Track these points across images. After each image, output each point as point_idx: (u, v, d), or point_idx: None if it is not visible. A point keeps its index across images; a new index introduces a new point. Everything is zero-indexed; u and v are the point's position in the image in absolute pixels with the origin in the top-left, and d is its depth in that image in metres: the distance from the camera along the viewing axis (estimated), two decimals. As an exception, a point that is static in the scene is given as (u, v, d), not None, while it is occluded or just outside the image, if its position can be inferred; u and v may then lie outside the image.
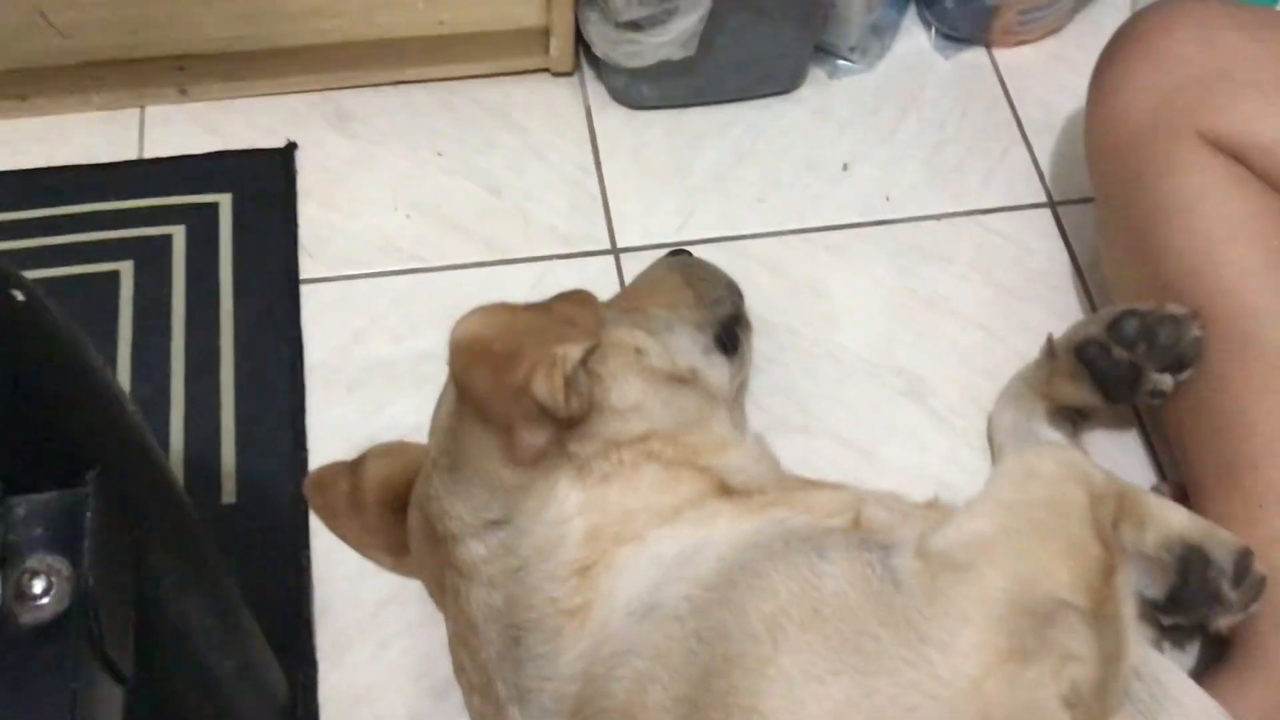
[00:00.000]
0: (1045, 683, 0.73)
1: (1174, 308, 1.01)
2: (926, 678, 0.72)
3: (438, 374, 0.91)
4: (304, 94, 1.39)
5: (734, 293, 1.11)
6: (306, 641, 1.04)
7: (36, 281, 1.21)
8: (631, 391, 0.91)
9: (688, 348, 0.99)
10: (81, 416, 0.59)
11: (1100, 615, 0.78)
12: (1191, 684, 0.84)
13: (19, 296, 0.55)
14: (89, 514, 0.57)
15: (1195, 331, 1.00)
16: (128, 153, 1.34)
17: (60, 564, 0.56)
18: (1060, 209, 1.34)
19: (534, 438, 0.86)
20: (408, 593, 1.05)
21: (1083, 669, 0.75)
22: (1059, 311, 1.24)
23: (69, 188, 1.30)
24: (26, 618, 0.55)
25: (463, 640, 0.89)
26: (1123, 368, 1.03)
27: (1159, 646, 0.96)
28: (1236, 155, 1.01)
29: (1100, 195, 1.15)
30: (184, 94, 1.38)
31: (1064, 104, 1.39)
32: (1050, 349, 1.09)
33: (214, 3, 1.28)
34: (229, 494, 1.11)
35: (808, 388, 1.20)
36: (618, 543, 0.84)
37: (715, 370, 1.00)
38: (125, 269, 1.25)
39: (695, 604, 0.79)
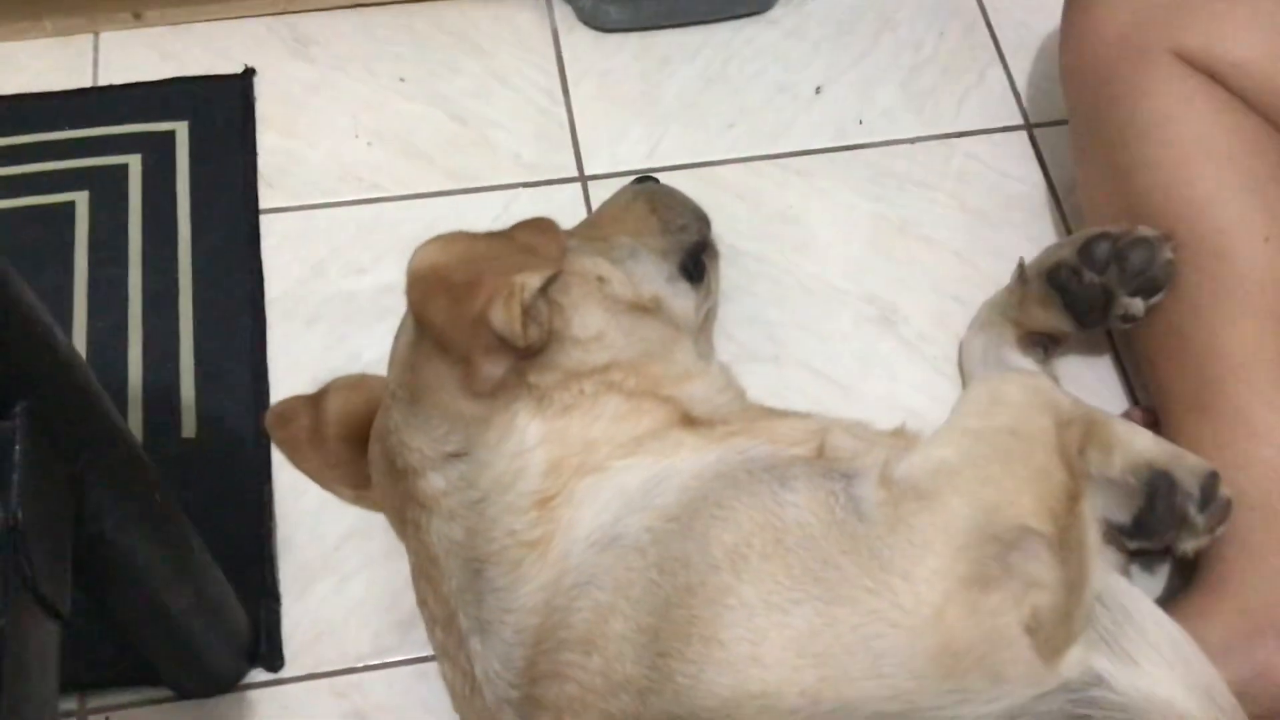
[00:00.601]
0: (1007, 609, 0.73)
1: (1146, 230, 1.00)
2: (888, 606, 0.72)
3: (399, 306, 0.90)
4: (262, 18, 1.35)
5: (701, 220, 1.09)
6: (269, 576, 1.03)
7: (-11, 213, 1.19)
8: (593, 321, 0.90)
9: (652, 276, 0.97)
10: (8, 348, 0.57)
11: (1064, 541, 0.77)
12: (1156, 610, 0.83)
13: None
14: (17, 447, 0.55)
15: (1167, 254, 0.99)
16: (81, 80, 1.31)
17: (-12, 499, 0.54)
18: (1037, 131, 1.31)
19: (493, 368, 0.85)
20: (371, 526, 1.04)
21: (1045, 595, 0.74)
22: (1034, 237, 1.22)
23: (21, 117, 1.27)
24: (-48, 554, 0.53)
25: (424, 573, 0.88)
26: (1094, 292, 1.02)
27: (1125, 572, 0.96)
28: (1211, 73, 0.99)
29: (1074, 115, 1.13)
30: (138, 18, 1.34)
31: (1042, 24, 1.35)
32: (1021, 274, 1.08)
33: (167, -77, 1.24)
34: (189, 428, 1.10)
35: (778, 316, 1.19)
36: (579, 474, 0.83)
37: (680, 299, 0.99)
38: (80, 199, 1.22)
39: (657, 535, 0.78)
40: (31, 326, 0.58)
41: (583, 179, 1.27)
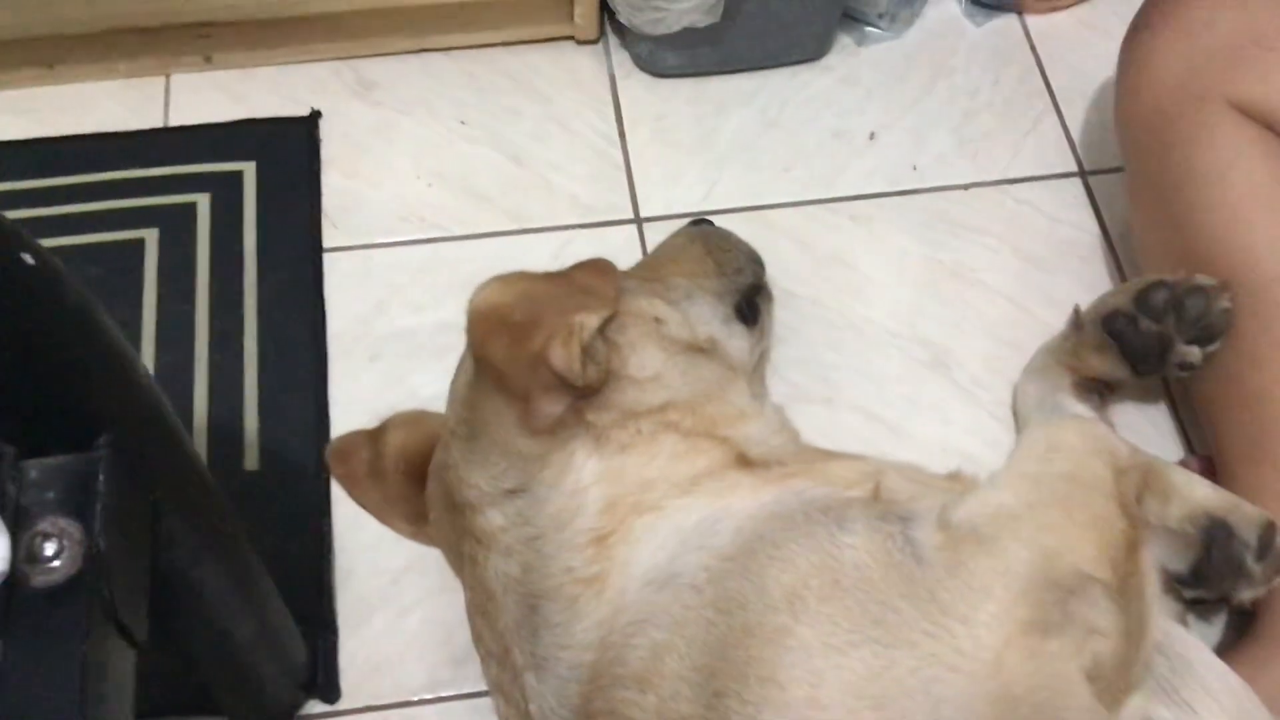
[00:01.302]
0: (1067, 656, 0.72)
1: (1202, 279, 1.00)
2: (947, 650, 0.72)
3: (458, 343, 0.91)
4: (328, 62, 1.39)
5: (755, 262, 1.09)
6: (327, 608, 1.05)
7: (62, 249, 1.23)
8: (650, 361, 0.91)
9: (707, 317, 0.98)
10: (93, 381, 0.59)
11: (1124, 589, 0.77)
12: (1215, 659, 0.83)
13: (28, 260, 0.55)
14: (101, 478, 0.57)
15: (1224, 303, 0.99)
16: (153, 120, 1.35)
17: (72, 527, 0.56)
18: (1091, 179, 1.32)
19: (551, 407, 0.86)
20: (427, 561, 1.05)
21: (1105, 643, 0.74)
22: (1087, 283, 1.22)
23: (94, 156, 1.31)
24: (38, 580, 0.55)
25: (480, 608, 0.89)
26: (1150, 339, 1.02)
27: (1183, 621, 0.95)
28: (1267, 123, 1.00)
29: (1129, 163, 1.13)
30: (208, 61, 1.38)
31: (1097, 71, 1.36)
32: (1077, 320, 1.08)
33: (238, -31, 1.28)
34: (251, 461, 1.12)
35: (831, 359, 1.19)
36: (635, 512, 0.84)
37: (735, 340, 0.99)
38: (150, 236, 1.25)
39: (713, 574, 0.79)
40: (115, 360, 0.60)
41: (638, 220, 1.29)
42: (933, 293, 1.24)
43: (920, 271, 1.25)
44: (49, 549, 0.55)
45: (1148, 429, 1.14)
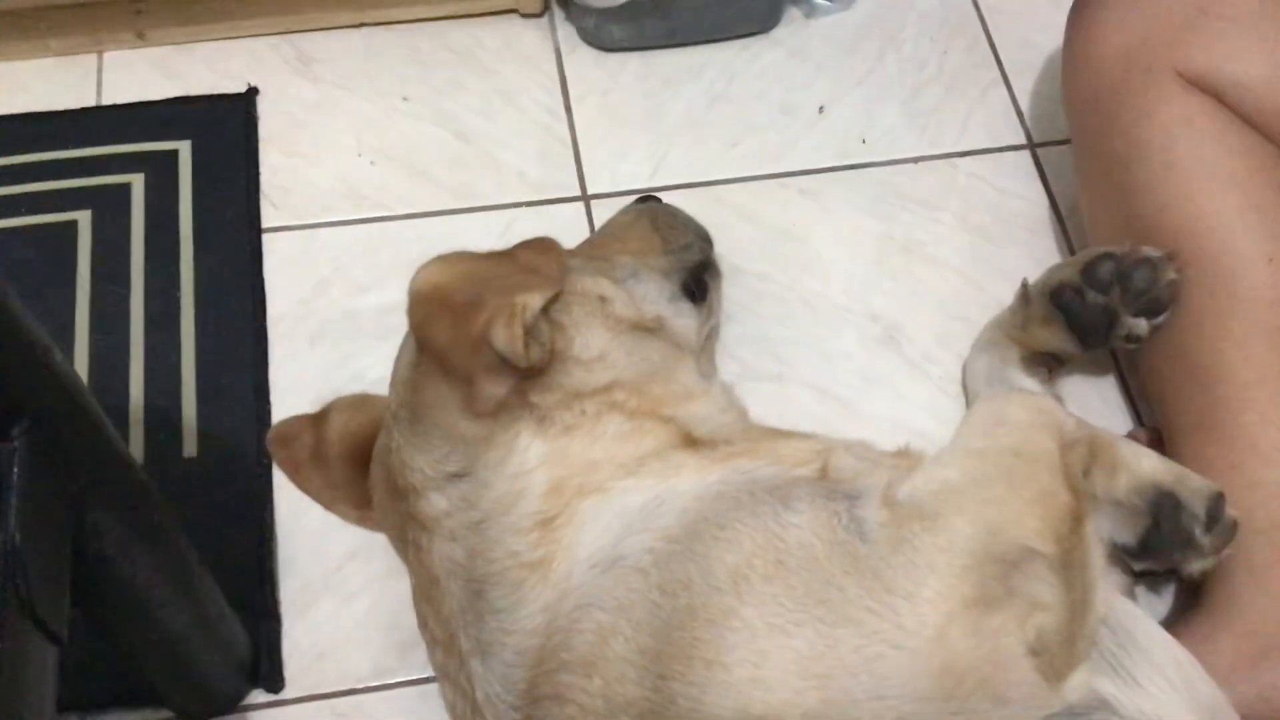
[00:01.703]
0: (1010, 630, 0.72)
1: (1149, 250, 0.99)
2: (891, 627, 0.72)
3: (402, 325, 0.89)
4: (265, 37, 1.35)
5: (703, 239, 1.08)
6: (269, 596, 1.03)
7: (-8, 232, 1.19)
8: (595, 341, 0.90)
9: (654, 296, 0.97)
10: (7, 369, 0.57)
11: (1068, 563, 0.77)
12: (1161, 632, 0.83)
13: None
14: (15, 470, 0.55)
15: (1171, 274, 0.99)
16: (86, 99, 1.31)
17: (-15, 522, 0.54)
18: (1040, 151, 1.31)
19: (494, 388, 0.85)
20: (372, 546, 1.03)
21: (1049, 617, 0.74)
22: (1037, 256, 1.22)
23: (25, 136, 1.27)
24: (-51, 577, 0.53)
25: (425, 594, 0.88)
26: (1097, 312, 1.02)
27: (1131, 594, 0.95)
28: (1214, 93, 0.99)
29: (1077, 135, 1.13)
30: (141, 38, 1.34)
31: (1046, 43, 1.36)
32: (1025, 294, 1.07)
33: (172, -58, 1.24)
34: (190, 448, 1.10)
35: (782, 335, 1.18)
36: (580, 495, 0.83)
37: (682, 319, 0.98)
38: (83, 218, 1.22)
39: (658, 556, 0.78)
40: (30, 347, 0.58)
41: (585, 198, 1.27)
42: (883, 267, 1.23)
43: (870, 246, 1.24)
44: (-40, 545, 0.53)
45: (1096, 402, 1.14)
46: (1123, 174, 1.03)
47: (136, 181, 1.24)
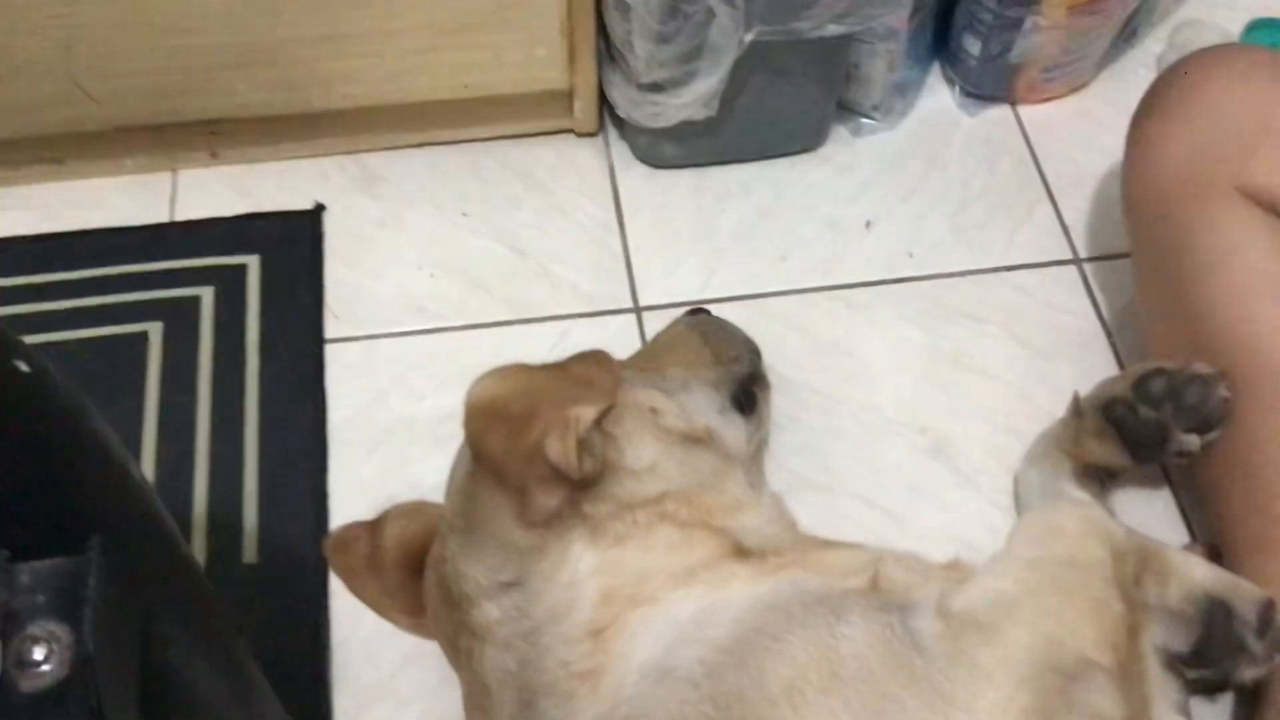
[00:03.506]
0: None
1: (1201, 367, 1.00)
2: None
3: (459, 434, 0.91)
4: (332, 156, 1.41)
5: (752, 351, 1.10)
6: (324, 703, 1.03)
7: (67, 343, 1.24)
8: (646, 452, 0.91)
9: (704, 407, 0.99)
10: (85, 483, 0.59)
11: (1126, 674, 0.76)
12: (1219, 752, 0.82)
13: (23, 367, 0.55)
14: (91, 580, 0.57)
15: (1222, 392, 0.98)
16: (159, 215, 1.37)
17: (61, 630, 0.55)
18: (1087, 266, 1.32)
19: (547, 499, 0.86)
20: (426, 654, 1.04)
21: None
22: (1086, 370, 1.22)
23: (102, 250, 1.32)
24: (26, 685, 0.54)
25: (477, 703, 0.88)
26: (1149, 427, 1.01)
27: (1186, 710, 0.94)
28: (1275, 209, 0.99)
29: (1135, 249, 1.13)
30: (215, 157, 1.40)
31: (1090, 160, 1.38)
32: (1076, 407, 1.08)
33: (247, 68, 1.30)
34: (250, 554, 1.12)
35: (830, 447, 1.19)
36: (632, 605, 0.83)
37: (732, 430, 1.00)
38: (154, 330, 1.26)
39: (710, 668, 0.78)
40: (108, 463, 0.60)
41: (637, 309, 1.30)
42: (932, 379, 1.24)
43: (919, 358, 1.26)
44: (38, 653, 0.55)
45: (1150, 516, 1.14)
46: (1181, 288, 1.03)
47: (206, 294, 1.28)
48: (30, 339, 1.22)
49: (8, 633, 0.55)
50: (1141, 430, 1.02)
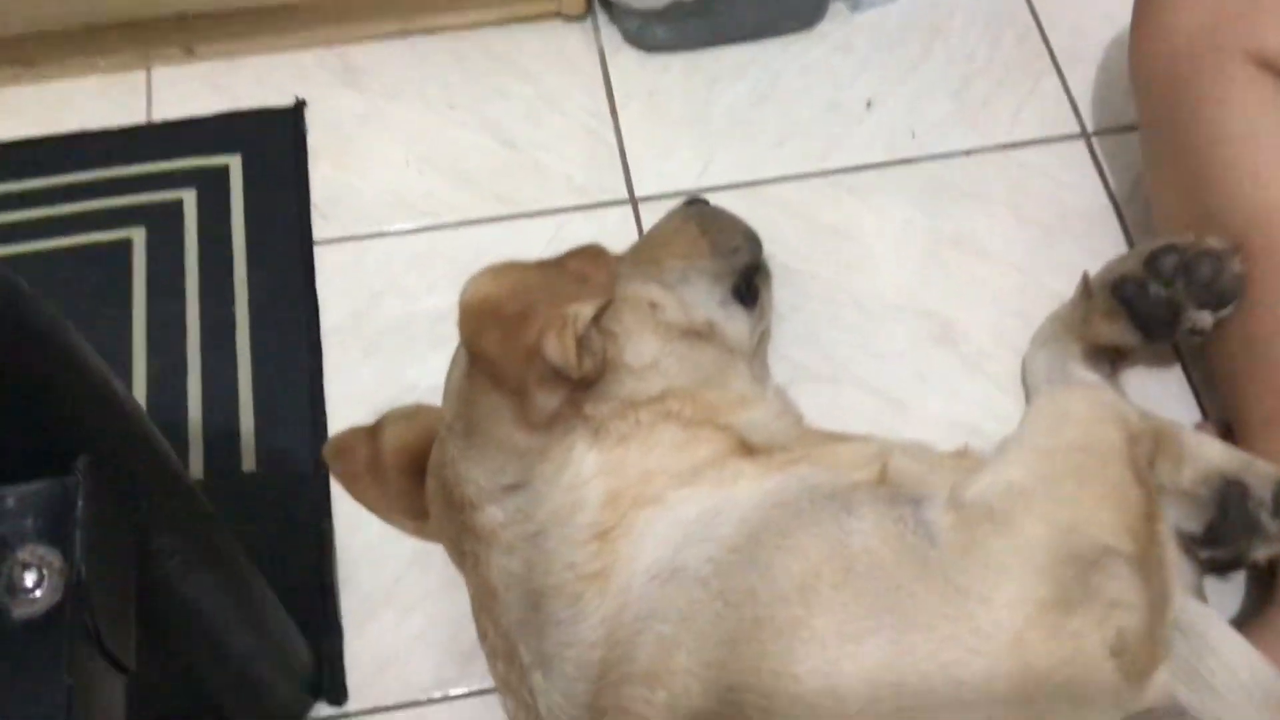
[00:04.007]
0: (1090, 631, 0.71)
1: (1214, 241, 0.97)
2: (966, 632, 0.70)
3: (455, 334, 0.89)
4: (311, 50, 1.36)
5: (752, 241, 1.07)
6: (330, 610, 1.03)
7: (50, 251, 1.21)
8: (647, 348, 0.89)
9: (704, 300, 0.96)
10: (68, 402, 0.57)
11: (1145, 559, 0.76)
12: (1234, 634, 0.81)
13: (-8, 286, 0.53)
14: (80, 502, 0.55)
15: (1235, 267, 0.96)
16: (135, 117, 1.32)
17: (52, 555, 0.54)
18: (1095, 140, 1.29)
19: (547, 400, 0.84)
20: (430, 558, 1.04)
21: (1130, 616, 0.73)
22: (1094, 248, 1.19)
23: (76, 155, 1.28)
24: (19, 612, 0.53)
25: (484, 606, 0.88)
26: (1161, 305, 0.99)
27: (1199, 589, 0.93)
28: None
29: (1145, 122, 1.10)
30: (190, 53, 1.35)
31: (1098, 30, 1.33)
32: (1086, 287, 1.05)
33: (218, -43, 1.25)
34: (249, 462, 1.10)
35: (833, 336, 1.17)
36: (637, 505, 0.82)
37: (734, 322, 0.97)
38: (137, 236, 1.23)
39: (719, 566, 0.77)
40: (90, 379, 0.58)
41: (633, 201, 1.26)
42: (936, 263, 1.21)
43: (923, 242, 1.23)
44: (29, 579, 0.54)
45: (1161, 395, 1.12)
46: (1193, 161, 1.01)
47: (189, 197, 1.25)
48: (7, 249, 1.20)
49: (-4, 560, 0.54)
50: (1153, 308, 1.00)
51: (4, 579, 0.54)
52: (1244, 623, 0.94)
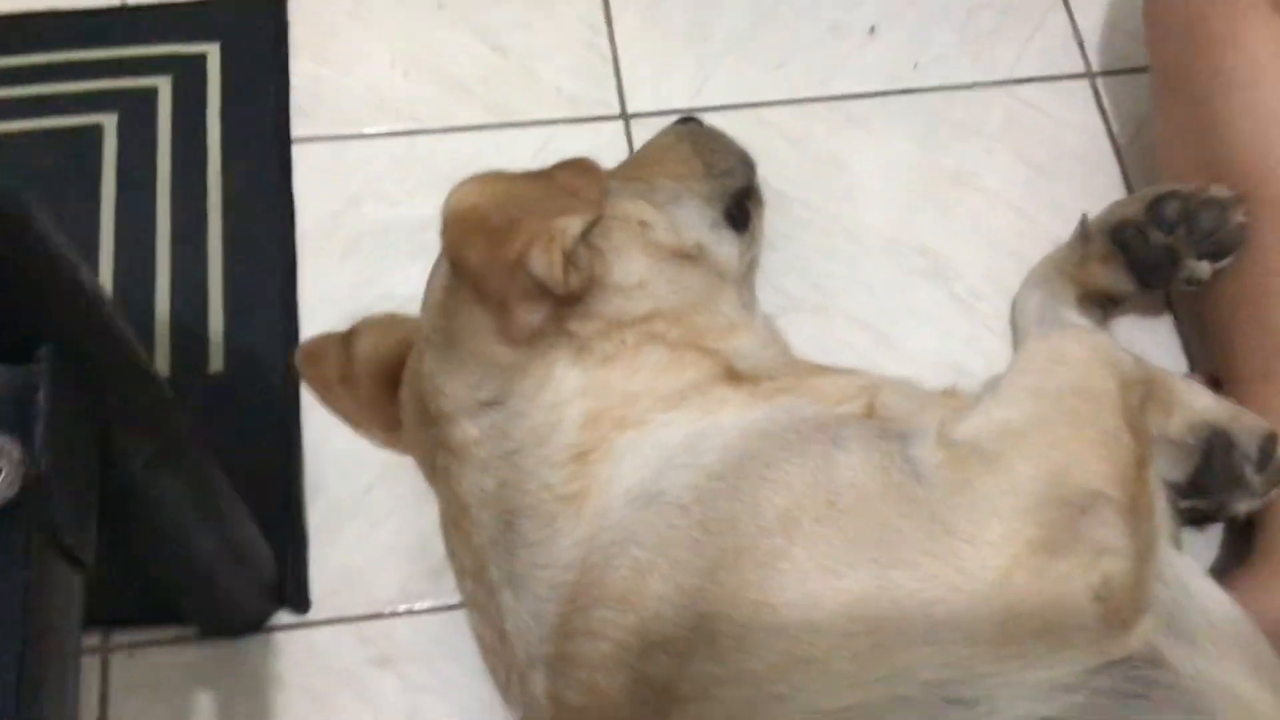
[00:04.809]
0: (1076, 575, 0.70)
1: (1218, 191, 0.95)
2: (951, 571, 0.69)
3: (435, 243, 0.86)
4: (297, -63, 1.30)
5: (746, 164, 1.04)
6: (296, 518, 1.01)
7: (15, 134, 1.16)
8: (635, 268, 0.87)
9: (695, 222, 0.94)
10: (31, 290, 0.54)
11: (1134, 507, 0.74)
12: (1214, 586, 0.81)
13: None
14: (41, 392, 0.53)
15: (1238, 217, 0.95)
16: (111, -2, 1.27)
17: (11, 446, 0.52)
18: (1099, 80, 1.26)
19: (530, 315, 0.82)
20: (401, 470, 1.01)
21: (1117, 562, 0.71)
22: (1093, 191, 1.17)
23: (49, 34, 1.23)
24: (-26, 503, 0.51)
25: (454, 522, 0.86)
26: (1160, 252, 0.98)
27: (1177, 539, 0.93)
28: None
29: (1155, 64, 1.07)
30: (169, -65, 1.29)
31: (1110, -34, 1.30)
32: (1084, 230, 1.03)
33: None
34: (217, 363, 1.07)
35: (824, 266, 1.15)
36: (618, 428, 0.81)
37: (724, 246, 0.95)
38: (109, 122, 1.18)
39: (701, 494, 0.75)
40: (57, 267, 0.55)
41: (625, 116, 1.23)
42: (932, 198, 1.19)
43: (919, 175, 1.20)
44: (-14, 469, 0.51)
45: (1150, 344, 1.11)
46: (1203, 107, 0.98)
47: (164, 85, 1.20)
48: (-30, 129, 1.14)
49: (-49, 449, 0.51)
50: (1151, 255, 0.99)
51: (-41, 469, 0.51)
52: (1220, 575, 0.94)
